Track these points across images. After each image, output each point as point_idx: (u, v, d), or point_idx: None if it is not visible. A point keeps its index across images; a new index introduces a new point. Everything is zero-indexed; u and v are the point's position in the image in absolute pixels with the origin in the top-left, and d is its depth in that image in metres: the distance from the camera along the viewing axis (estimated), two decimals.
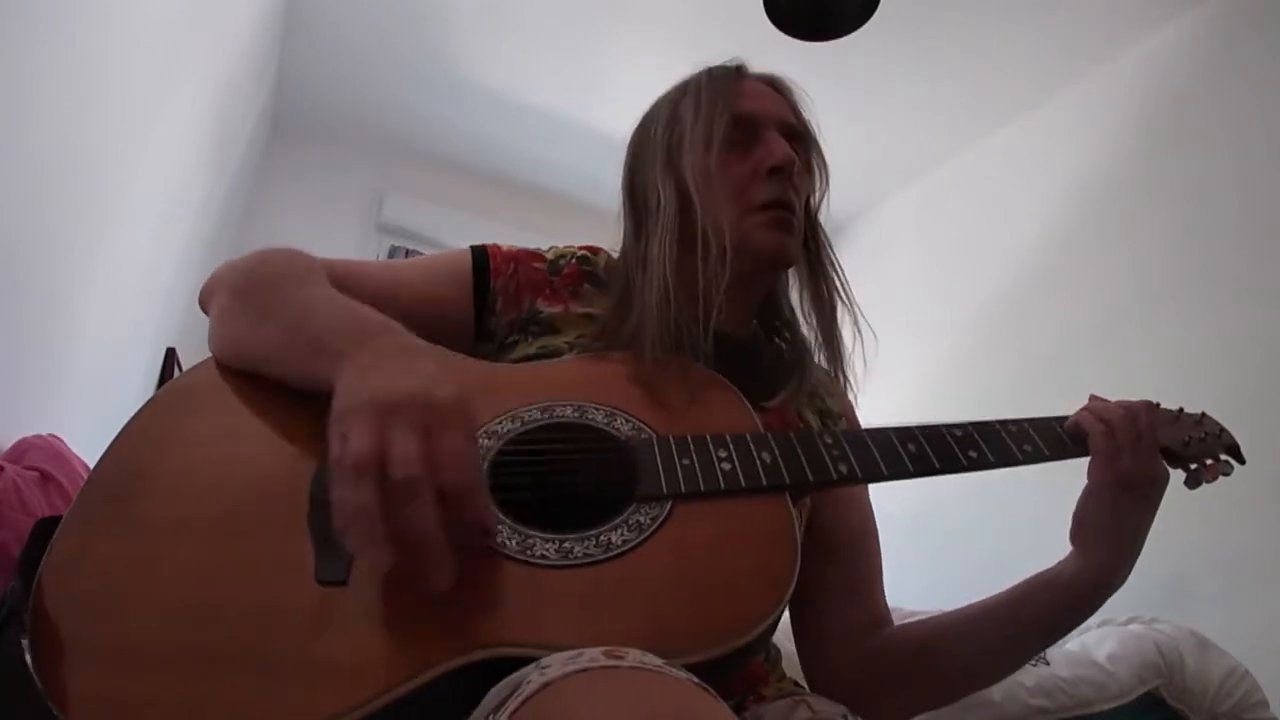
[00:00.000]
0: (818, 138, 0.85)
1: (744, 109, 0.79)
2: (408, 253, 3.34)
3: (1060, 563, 0.69)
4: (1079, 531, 0.68)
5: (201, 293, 0.72)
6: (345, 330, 0.58)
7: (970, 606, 0.72)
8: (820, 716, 0.62)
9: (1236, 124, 1.97)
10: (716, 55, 0.87)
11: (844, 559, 0.79)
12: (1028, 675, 1.24)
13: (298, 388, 0.60)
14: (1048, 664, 1.28)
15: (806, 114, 0.85)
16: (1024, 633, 0.69)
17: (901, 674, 0.73)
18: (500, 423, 0.62)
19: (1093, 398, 0.73)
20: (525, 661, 0.43)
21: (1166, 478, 0.68)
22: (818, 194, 0.86)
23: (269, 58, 2.66)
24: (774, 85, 0.85)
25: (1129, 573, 0.68)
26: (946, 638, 0.72)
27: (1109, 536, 0.67)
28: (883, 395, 2.82)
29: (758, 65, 0.87)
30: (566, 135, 3.08)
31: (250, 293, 0.66)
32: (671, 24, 2.45)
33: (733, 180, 0.77)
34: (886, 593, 0.80)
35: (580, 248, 0.83)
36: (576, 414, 0.64)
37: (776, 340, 0.87)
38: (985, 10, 2.26)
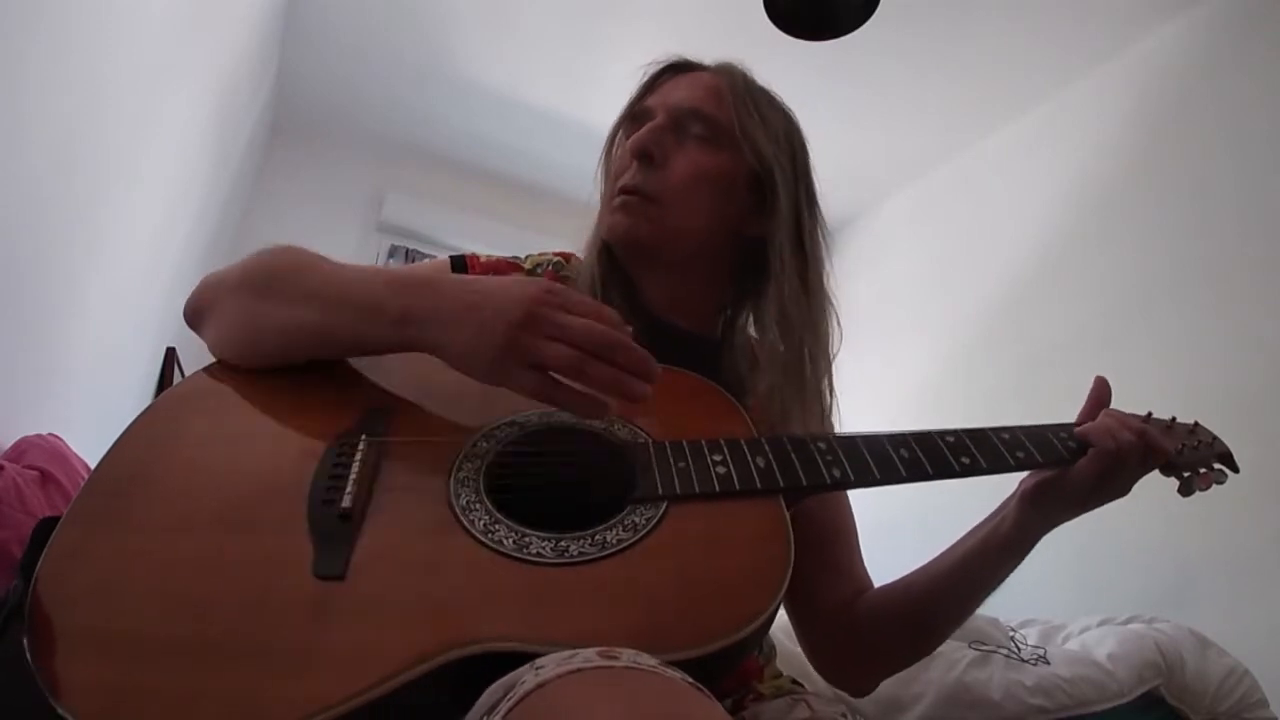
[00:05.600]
0: (765, 110, 0.81)
1: (643, 104, 0.83)
2: (408, 252, 3.35)
3: (997, 519, 0.72)
4: (1038, 500, 0.70)
5: (190, 304, 0.71)
6: (397, 290, 0.60)
7: (930, 564, 0.76)
8: (819, 715, 0.62)
9: (1237, 123, 1.97)
10: (716, 55, 0.87)
11: (825, 542, 0.81)
12: (1028, 675, 1.24)
13: (339, 356, 0.65)
14: (1048, 663, 1.28)
15: (746, 90, 0.81)
16: (976, 583, 0.73)
17: (884, 634, 0.77)
18: (500, 428, 0.63)
19: (1098, 379, 0.75)
20: (521, 658, 0.43)
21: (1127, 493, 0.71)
22: (782, 168, 0.79)
23: (269, 58, 2.66)
24: (714, 71, 0.83)
25: None
26: (919, 595, 0.75)
27: (1052, 518, 0.70)
28: (883, 394, 2.83)
29: (759, 64, 0.86)
30: (566, 134, 3.09)
31: (268, 283, 0.66)
32: (671, 23, 2.45)
33: (612, 170, 0.83)
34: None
35: (554, 254, 0.85)
36: (574, 419, 0.64)
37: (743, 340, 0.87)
38: (985, 10, 2.26)
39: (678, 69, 0.85)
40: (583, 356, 0.55)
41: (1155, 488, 0.74)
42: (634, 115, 0.83)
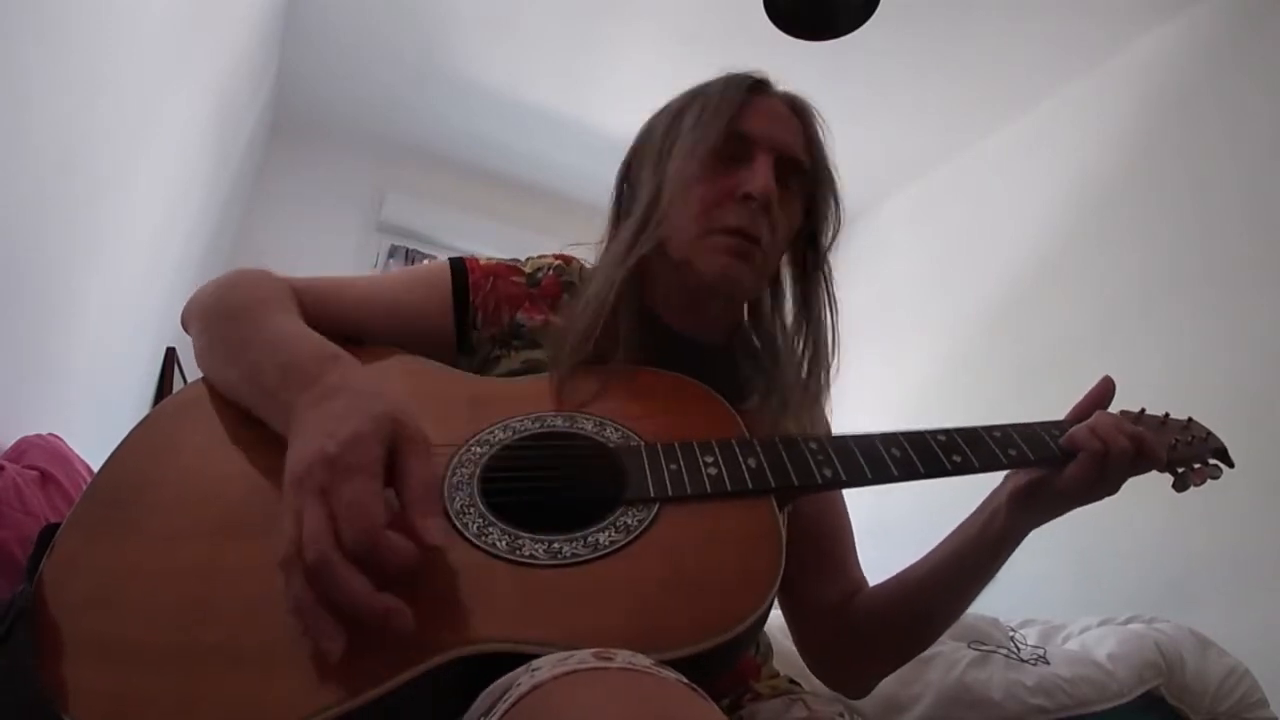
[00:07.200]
0: (833, 173, 0.82)
1: (743, 126, 0.77)
2: (408, 252, 3.35)
3: (988, 516, 0.72)
4: (1028, 501, 0.69)
5: (182, 313, 0.72)
6: (287, 382, 0.57)
7: (921, 562, 0.75)
8: (817, 715, 0.63)
9: (1237, 122, 1.97)
10: (716, 54, 0.87)
11: (818, 542, 0.81)
12: (1028, 675, 1.24)
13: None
14: (1048, 664, 1.28)
15: (823, 144, 0.82)
16: (969, 580, 0.73)
17: (878, 632, 0.77)
18: (492, 431, 0.64)
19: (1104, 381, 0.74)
20: (515, 659, 0.44)
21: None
22: (829, 234, 0.82)
23: (269, 58, 2.66)
24: (793, 108, 0.81)
25: None
26: (911, 593, 0.75)
27: (1043, 516, 0.70)
28: (883, 394, 2.83)
29: (759, 64, 0.86)
30: (566, 134, 3.09)
31: (218, 328, 0.67)
32: (672, 23, 2.45)
33: (707, 195, 0.75)
34: None
35: (555, 257, 0.83)
36: (567, 423, 0.65)
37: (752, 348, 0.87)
38: (985, 9, 2.26)
39: (763, 88, 0.81)
40: (324, 549, 0.44)
41: (1155, 488, 0.74)
42: (732, 135, 0.76)
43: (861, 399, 2.73)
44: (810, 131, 0.81)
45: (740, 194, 0.74)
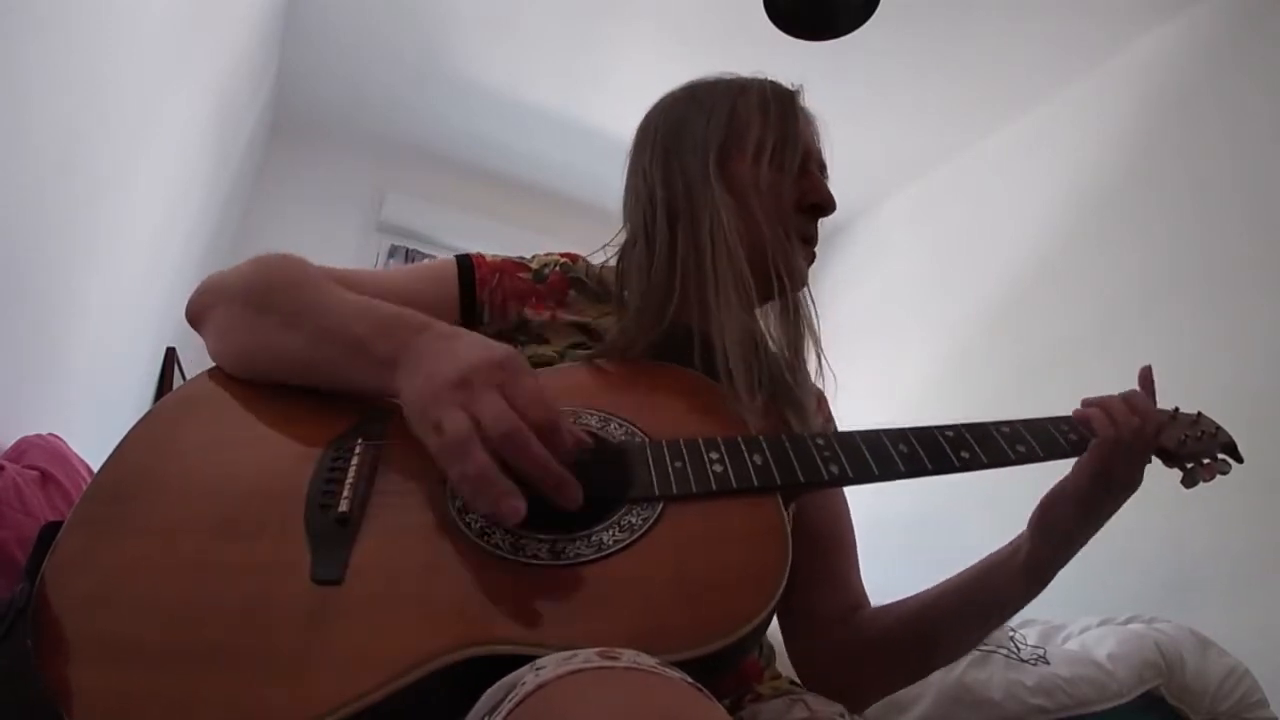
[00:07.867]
0: None
1: (803, 139, 0.81)
2: (408, 252, 3.35)
3: (1015, 544, 0.71)
4: (1045, 518, 0.68)
5: (192, 306, 0.71)
6: (385, 333, 0.60)
7: (935, 587, 0.74)
8: (818, 716, 0.62)
9: (1237, 122, 1.97)
10: (716, 54, 0.87)
11: (822, 550, 0.80)
12: (1028, 675, 1.24)
13: (329, 391, 0.63)
14: (1048, 664, 1.28)
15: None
16: (981, 610, 0.72)
17: (877, 653, 0.75)
18: None
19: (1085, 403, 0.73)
20: (519, 660, 0.43)
21: (1139, 485, 0.69)
22: None
23: (269, 57, 2.66)
24: (810, 120, 0.85)
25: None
26: (916, 616, 0.74)
27: (1072, 533, 0.69)
28: (883, 394, 2.83)
29: (759, 64, 0.87)
30: (567, 134, 3.09)
31: (265, 299, 0.65)
32: (672, 23, 2.45)
33: (776, 201, 0.78)
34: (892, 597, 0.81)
35: (560, 255, 0.83)
36: (570, 419, 0.64)
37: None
38: (985, 9, 2.26)
39: (800, 101, 0.85)
40: (516, 421, 0.51)
41: (1155, 488, 0.74)
42: (797, 144, 0.80)
43: (861, 399, 2.73)
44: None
45: (809, 204, 0.80)
